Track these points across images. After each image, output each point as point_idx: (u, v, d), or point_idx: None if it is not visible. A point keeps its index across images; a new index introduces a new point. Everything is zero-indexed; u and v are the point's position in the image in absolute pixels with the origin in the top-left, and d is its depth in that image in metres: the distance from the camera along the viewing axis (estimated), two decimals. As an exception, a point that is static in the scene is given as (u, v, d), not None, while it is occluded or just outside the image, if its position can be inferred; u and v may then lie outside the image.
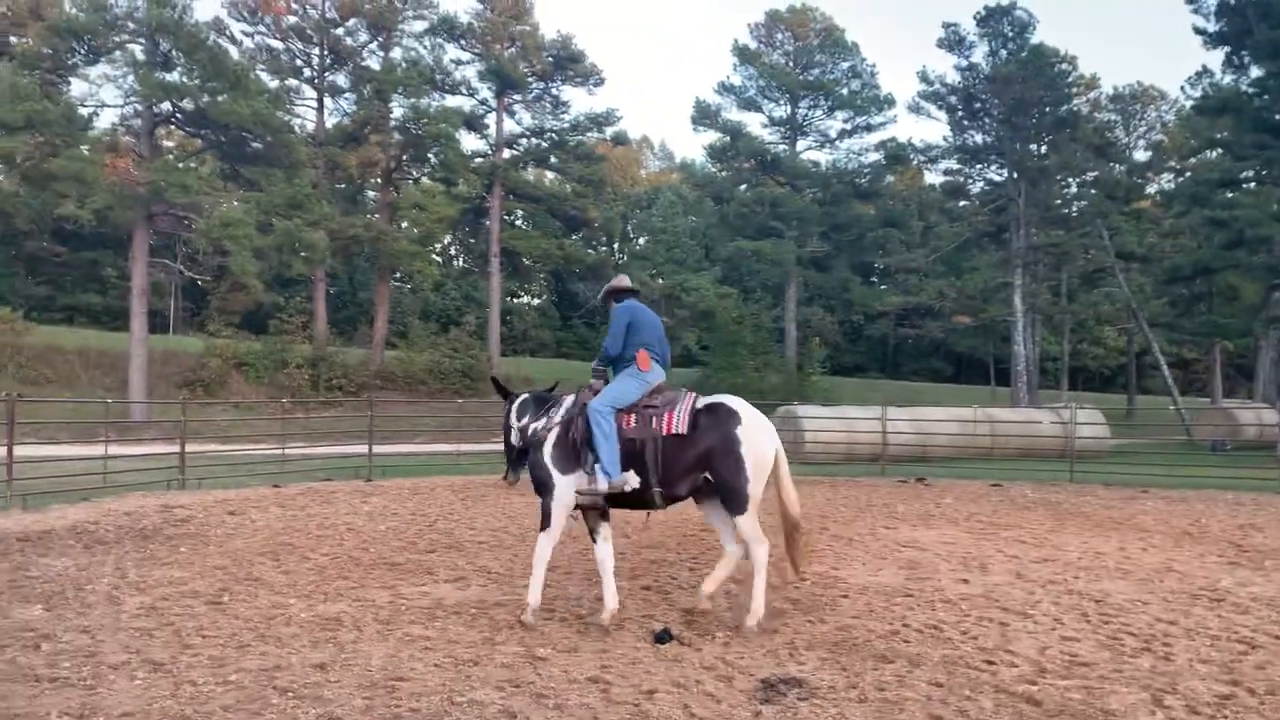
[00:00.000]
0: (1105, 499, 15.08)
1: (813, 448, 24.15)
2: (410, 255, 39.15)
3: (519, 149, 49.20)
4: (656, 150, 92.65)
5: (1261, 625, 6.51)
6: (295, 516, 11.73)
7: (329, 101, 42.31)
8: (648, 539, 10.21)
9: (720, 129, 49.54)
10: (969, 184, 51.08)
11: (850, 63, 49.64)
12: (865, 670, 5.32)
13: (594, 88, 48.19)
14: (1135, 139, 60.05)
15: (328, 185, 39.96)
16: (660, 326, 6.84)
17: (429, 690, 4.84)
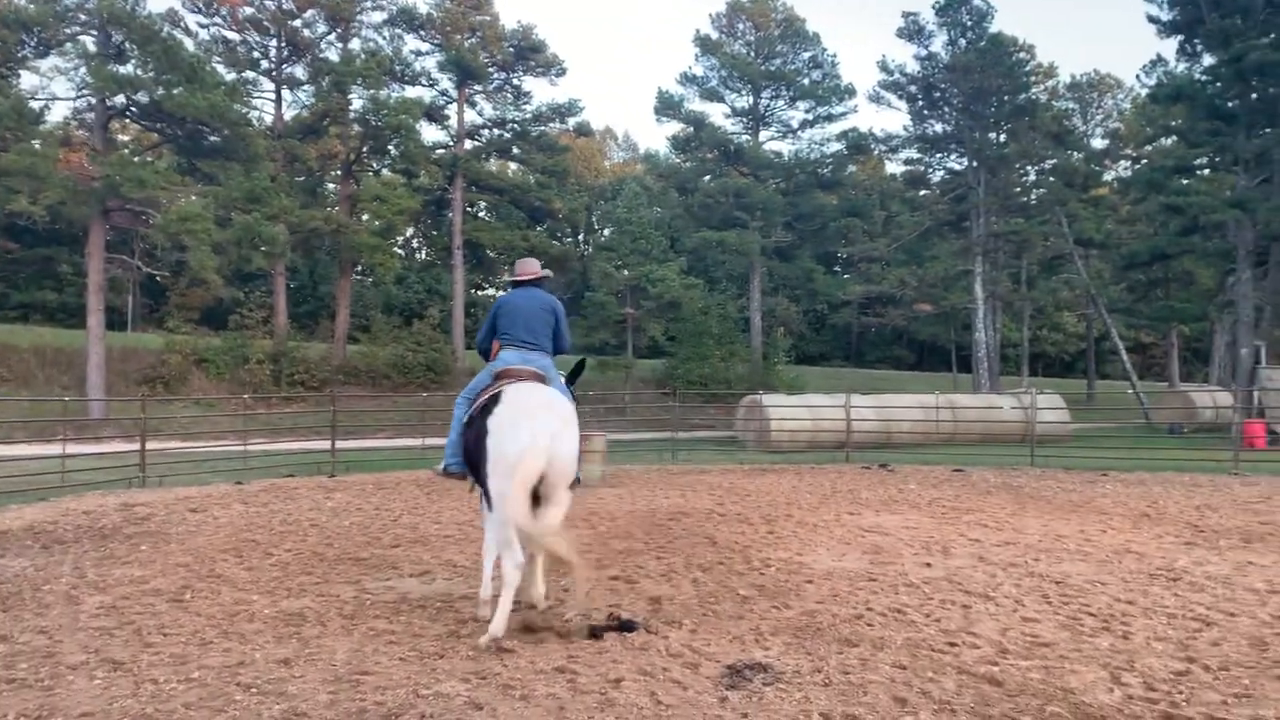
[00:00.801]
0: (1065, 482, 15.30)
1: (778, 436, 24.32)
2: (371, 248, 38.76)
3: (481, 140, 48.90)
4: (620, 141, 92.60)
5: (1216, 603, 6.63)
6: (258, 513, 11.61)
7: (287, 93, 41.76)
8: (615, 530, 10.23)
9: (683, 119, 49.52)
10: (929, 173, 51.57)
11: (811, 53, 49.78)
12: (830, 654, 5.36)
13: (556, 78, 48.00)
14: (1092, 127, 60.80)
15: (287, 178, 39.42)
16: (535, 312, 6.58)
17: (394, 684, 4.81)
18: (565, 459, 5.78)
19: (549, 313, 6.61)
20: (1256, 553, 8.67)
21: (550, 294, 6.85)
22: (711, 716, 4.35)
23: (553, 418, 5.81)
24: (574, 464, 5.90)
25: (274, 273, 40.13)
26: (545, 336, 6.58)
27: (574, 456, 5.88)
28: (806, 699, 4.58)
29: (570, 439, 5.84)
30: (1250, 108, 32.49)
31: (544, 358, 6.52)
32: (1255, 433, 23.33)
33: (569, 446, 5.81)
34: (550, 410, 5.88)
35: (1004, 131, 45.30)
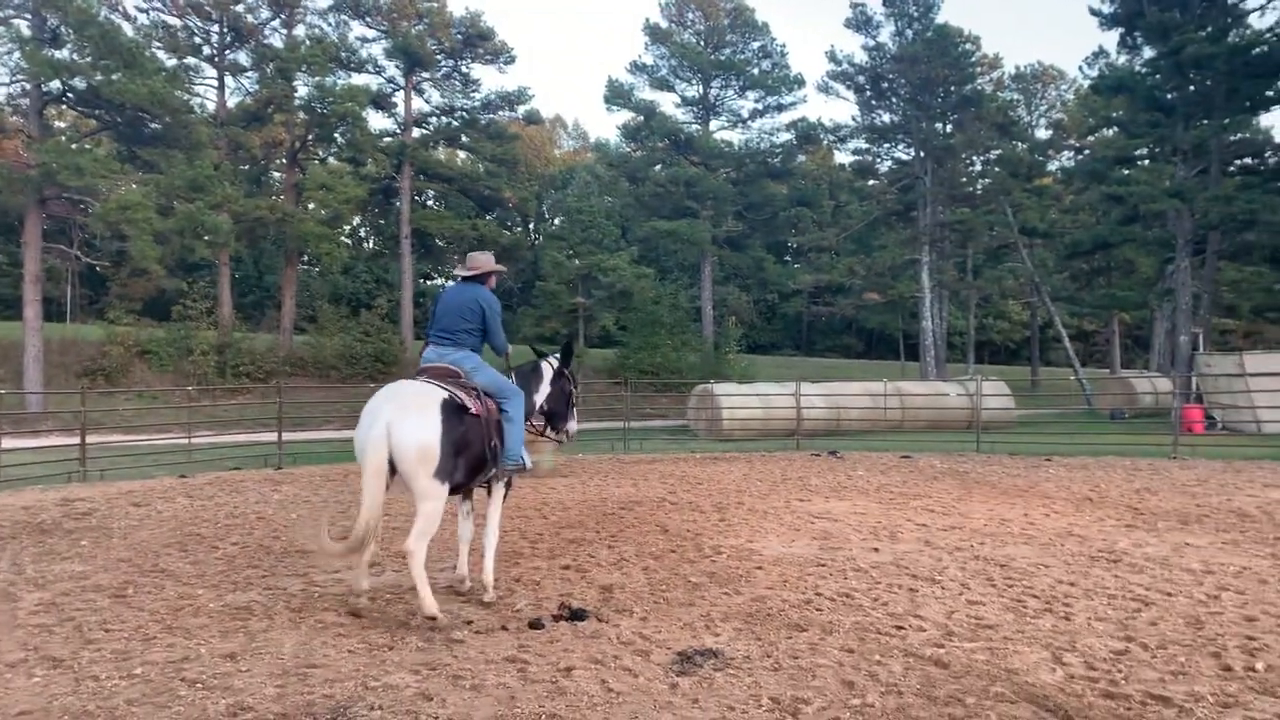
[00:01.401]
0: (1010, 468, 15.56)
1: (730, 424, 24.44)
2: (318, 237, 38.23)
3: (429, 128, 48.44)
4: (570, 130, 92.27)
5: (1154, 584, 6.79)
6: (203, 506, 11.42)
7: (230, 80, 40.98)
8: (567, 519, 10.22)
9: (633, 108, 49.46)
10: (877, 163, 52.05)
11: (760, 42, 49.95)
12: (779, 639, 5.41)
13: (505, 66, 47.63)
14: (1037, 118, 61.77)
15: (230, 166, 38.75)
16: (458, 309, 6.61)
17: (342, 676, 4.77)
18: (402, 447, 5.72)
19: (474, 310, 6.59)
20: (1193, 534, 8.89)
21: (487, 290, 6.82)
22: (662, 703, 4.37)
23: (393, 407, 5.82)
24: (417, 453, 5.75)
25: (218, 262, 39.46)
26: (465, 332, 6.57)
27: (415, 445, 5.74)
28: (756, 683, 4.62)
29: (411, 428, 5.75)
30: (1188, 99, 33.19)
31: (458, 352, 6.53)
32: (1193, 418, 23.89)
33: (407, 435, 5.73)
34: (393, 400, 5.89)
35: (950, 122, 45.88)
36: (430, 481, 5.81)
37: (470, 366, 6.51)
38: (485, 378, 6.52)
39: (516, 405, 6.60)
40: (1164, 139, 34.07)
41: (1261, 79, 31.14)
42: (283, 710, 4.28)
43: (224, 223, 33.00)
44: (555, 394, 7.38)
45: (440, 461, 5.81)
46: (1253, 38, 31.50)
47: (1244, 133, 34.52)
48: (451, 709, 4.29)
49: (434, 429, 5.80)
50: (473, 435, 6.13)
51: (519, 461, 6.56)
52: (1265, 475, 13.74)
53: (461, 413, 6.06)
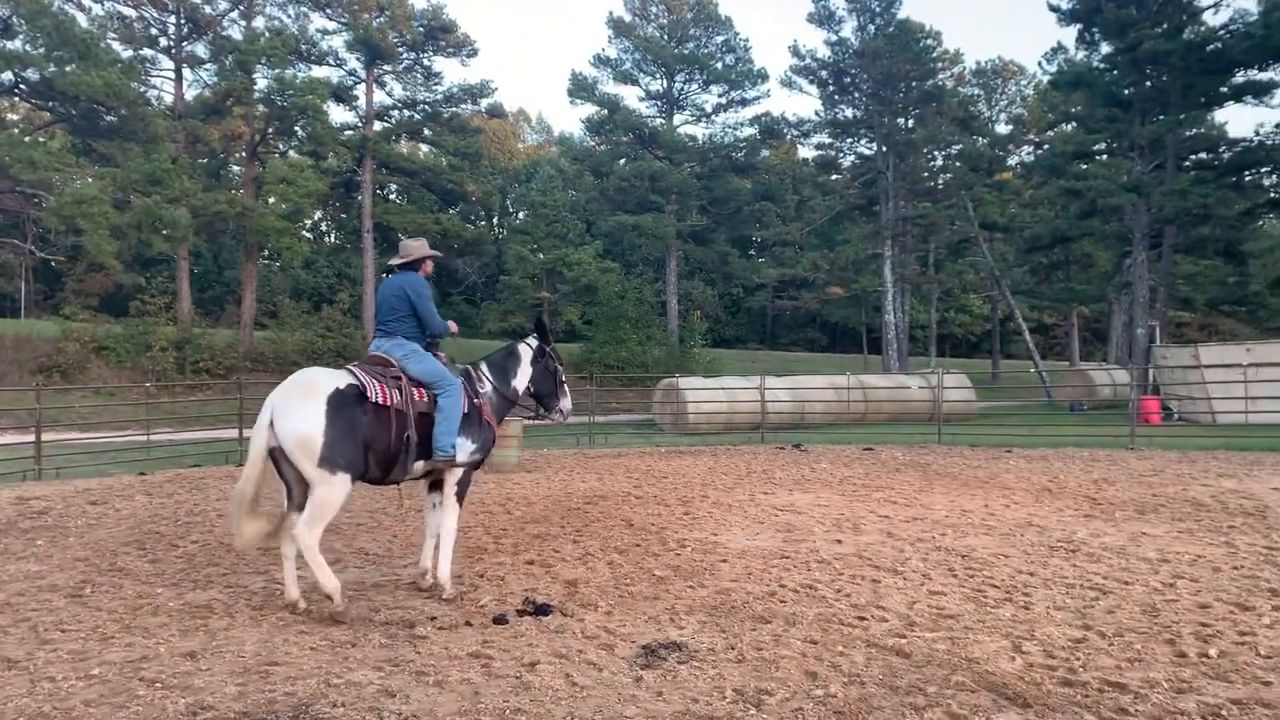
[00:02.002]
0: (971, 459, 15.73)
1: (695, 418, 24.49)
2: (278, 232, 37.78)
3: (390, 121, 48.03)
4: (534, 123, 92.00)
5: (1112, 572, 6.89)
6: (163, 504, 11.27)
7: (188, 72, 40.36)
8: (531, 514, 10.20)
9: (597, 102, 49.39)
10: (840, 158, 52.38)
11: (724, 36, 50.05)
12: (744, 631, 5.43)
13: (467, 59, 47.29)
14: (997, 113, 62.39)
15: (188, 160, 38.19)
16: (389, 299, 6.63)
17: (305, 674, 4.73)
18: (282, 436, 5.76)
19: (402, 298, 6.57)
20: (1150, 523, 9.03)
21: (418, 276, 6.75)
22: (626, 696, 4.37)
23: (280, 395, 5.90)
24: (295, 442, 5.75)
25: (176, 257, 38.91)
26: (399, 321, 6.57)
27: (293, 435, 5.74)
28: (720, 675, 4.64)
29: (293, 415, 5.77)
30: (1145, 95, 33.66)
31: (392, 340, 6.53)
32: (1150, 409, 24.28)
33: (286, 425, 5.76)
34: (282, 391, 5.96)
35: (912, 117, 46.24)
36: (316, 470, 5.77)
37: (400, 355, 6.46)
38: (418, 366, 6.45)
39: (452, 395, 6.45)
40: (1121, 134, 34.54)
41: (1216, 75, 31.66)
42: (244, 709, 4.23)
43: (182, 217, 32.56)
44: (539, 374, 7.38)
45: (324, 452, 5.75)
46: (1207, 34, 32.02)
47: (1199, 128, 35.07)
48: (415, 705, 4.27)
49: (315, 419, 5.75)
50: (377, 426, 6.05)
51: (448, 454, 6.38)
52: (1219, 465, 14.00)
53: (360, 402, 5.97)
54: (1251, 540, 8.06)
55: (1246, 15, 30.90)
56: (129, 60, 35.68)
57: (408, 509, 9.58)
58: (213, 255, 57.01)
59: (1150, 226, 33.68)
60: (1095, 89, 34.89)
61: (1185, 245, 35.38)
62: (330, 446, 5.75)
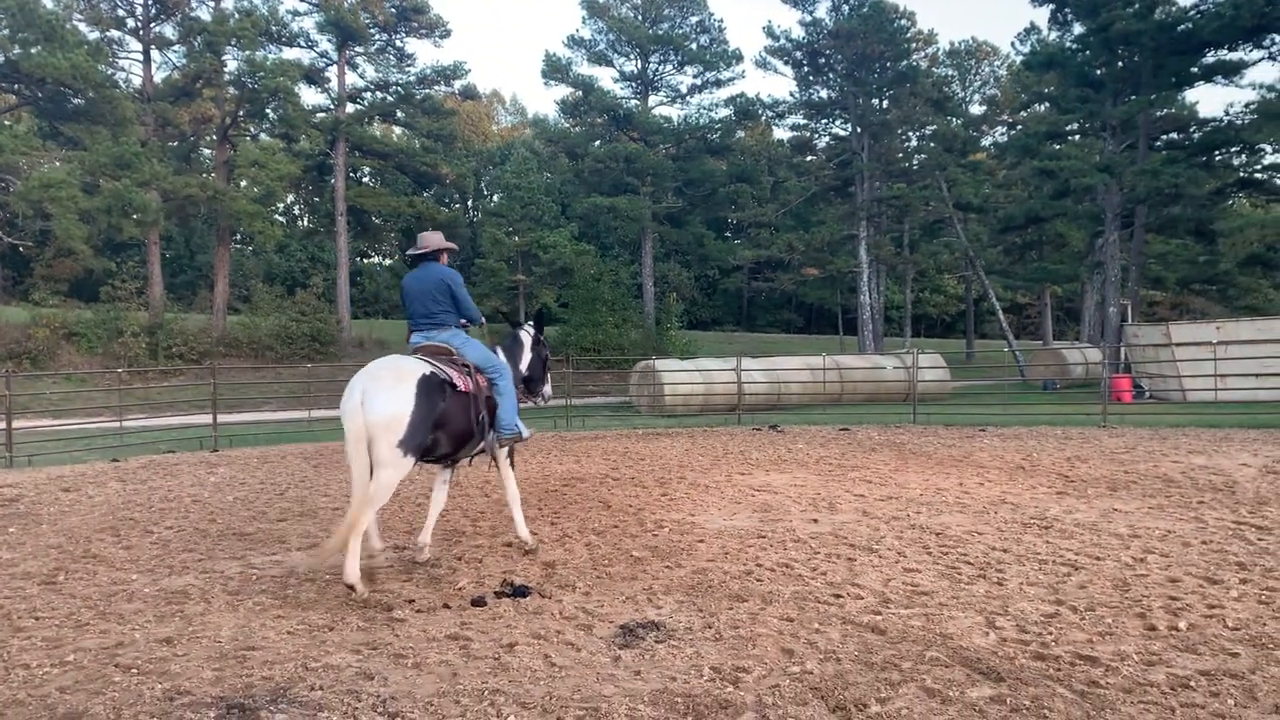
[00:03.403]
0: (946, 438, 15.85)
1: (672, 400, 24.53)
2: (250, 215, 37.43)
3: (363, 103, 47.63)
4: (508, 105, 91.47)
5: (1084, 549, 6.98)
6: (136, 490, 11.19)
7: (156, 54, 39.82)
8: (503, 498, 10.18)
9: (572, 83, 49.13)
10: (815, 139, 52.41)
11: (698, 17, 49.88)
12: (720, 610, 5.46)
13: (440, 40, 47.01)
14: (971, 94, 62.62)
15: (158, 143, 37.75)
16: (428, 291, 6.89)
17: (282, 658, 4.71)
18: (372, 416, 5.95)
19: (443, 289, 6.88)
20: (1121, 500, 9.14)
21: (446, 267, 7.07)
22: (605, 675, 4.39)
23: (367, 379, 6.12)
24: (384, 422, 5.95)
25: (147, 242, 38.50)
26: (443, 311, 6.90)
27: (383, 415, 5.96)
28: (698, 654, 4.67)
29: (383, 398, 6.00)
30: (1116, 75, 33.85)
31: (443, 331, 6.88)
32: (1122, 387, 24.55)
33: (378, 403, 5.97)
34: (370, 374, 6.18)
35: (886, 98, 46.28)
36: (392, 452, 5.99)
37: (459, 344, 6.85)
38: (475, 354, 6.87)
39: (506, 379, 6.95)
40: (1093, 114, 34.75)
41: (1186, 55, 31.87)
42: (221, 693, 4.22)
43: (152, 201, 32.20)
44: (534, 360, 7.87)
45: (408, 433, 6.00)
46: (1178, 14, 32.22)
47: (1170, 108, 35.31)
48: (393, 687, 4.27)
49: (405, 402, 6.03)
50: (455, 411, 6.45)
51: (515, 431, 6.94)
52: (1190, 442, 14.17)
53: (443, 388, 6.35)
54: (1220, 515, 8.18)
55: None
56: (96, 42, 35.19)
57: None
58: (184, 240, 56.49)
59: (1122, 206, 33.95)
60: (1068, 69, 35.06)
61: (1156, 225, 35.70)
62: (412, 429, 6.04)
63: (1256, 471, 10.77)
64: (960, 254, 47.51)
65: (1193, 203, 33.65)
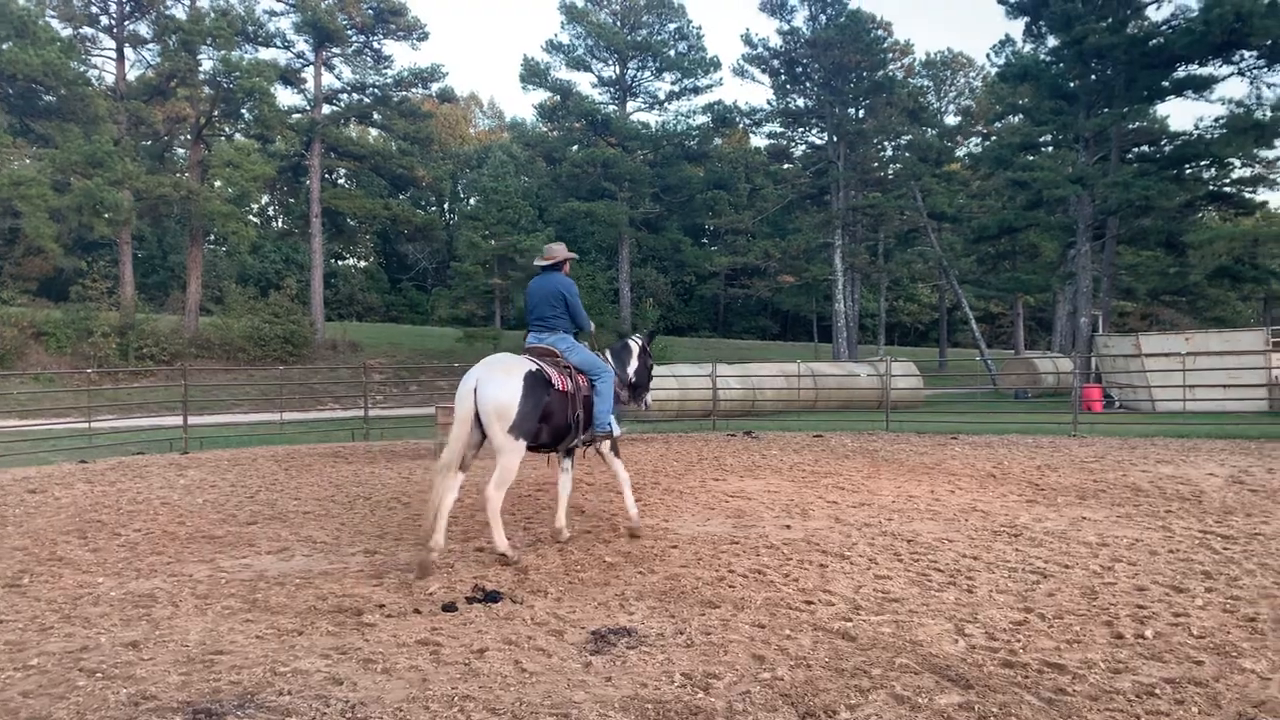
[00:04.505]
0: (918, 446, 15.93)
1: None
2: (224, 216, 37.14)
3: (339, 105, 47.37)
4: (486, 108, 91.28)
5: (1053, 557, 7.03)
6: (104, 492, 11.08)
7: (130, 52, 39.47)
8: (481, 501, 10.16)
9: (550, 88, 49.13)
10: (792, 147, 52.68)
11: (677, 24, 50.02)
12: (692, 616, 5.46)
13: (418, 42, 46.88)
14: (946, 104, 63.11)
15: (131, 142, 37.40)
16: (545, 298, 7.66)
17: (250, 662, 4.68)
18: (484, 404, 6.77)
19: (558, 297, 7.66)
20: (1090, 508, 9.22)
21: (565, 276, 7.86)
22: (575, 681, 4.39)
23: (484, 369, 6.94)
24: (495, 410, 6.76)
25: (119, 241, 38.13)
26: (558, 317, 7.67)
27: (495, 403, 6.76)
28: (669, 660, 4.67)
29: (495, 387, 6.79)
30: (1089, 88, 34.24)
31: (553, 334, 7.65)
32: (1093, 397, 24.77)
33: (491, 391, 6.78)
34: (485, 366, 6.99)
35: (862, 107, 46.60)
36: (505, 436, 6.81)
37: (564, 348, 7.60)
38: (579, 357, 7.63)
39: (606, 381, 7.69)
40: (1066, 126, 35.10)
41: (1158, 70, 32.27)
42: (187, 698, 4.18)
43: (124, 200, 31.91)
44: (640, 369, 8.68)
45: (516, 420, 6.80)
46: (1150, 29, 32.67)
47: (1142, 121, 35.77)
48: (362, 692, 4.24)
49: (514, 392, 6.81)
50: (555, 406, 7.18)
51: (606, 429, 7.66)
52: (1158, 451, 14.31)
53: (546, 385, 7.09)
54: (1187, 524, 8.27)
55: (1187, 11, 31.56)
56: (68, 39, 34.84)
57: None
58: (156, 239, 55.96)
59: (1094, 218, 34.31)
60: (1041, 81, 35.41)
61: (1128, 236, 36.11)
62: (521, 417, 6.82)
63: (1223, 481, 10.90)
64: (934, 263, 47.88)
65: (1163, 215, 34.06)
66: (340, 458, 15.23)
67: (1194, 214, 37.33)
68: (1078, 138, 35.16)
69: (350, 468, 13.65)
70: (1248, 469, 11.89)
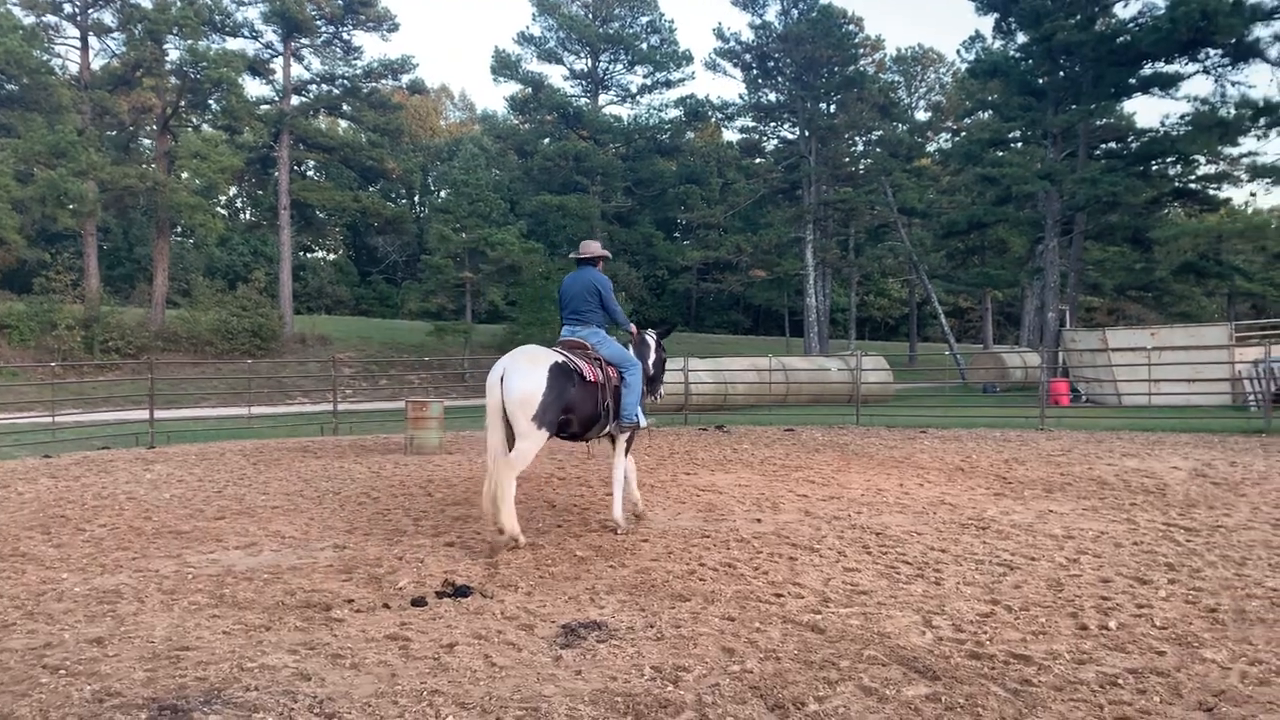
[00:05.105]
0: (888, 439, 16.04)
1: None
2: (191, 208, 36.71)
3: (308, 96, 46.91)
4: (457, 100, 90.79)
5: (1019, 549, 7.10)
6: (69, 487, 10.94)
7: (95, 41, 38.86)
8: (452, 496, 10.14)
9: (521, 80, 48.91)
10: (764, 141, 52.77)
11: (649, 17, 49.95)
12: (663, 610, 5.48)
13: (388, 33, 46.56)
14: (916, 99, 63.42)
15: (96, 132, 36.86)
16: (579, 292, 7.98)
17: (217, 658, 4.64)
18: (510, 391, 7.07)
19: (592, 291, 7.99)
20: (1056, 501, 9.32)
21: (599, 272, 8.18)
22: (545, 675, 4.38)
23: (510, 361, 7.25)
24: (518, 399, 7.04)
25: (83, 233, 37.58)
26: (592, 311, 8.01)
27: (518, 393, 7.05)
28: (639, 653, 4.67)
29: (519, 378, 7.09)
30: (1058, 85, 34.52)
31: (586, 328, 7.97)
32: (1060, 391, 25.02)
33: (514, 382, 7.08)
34: (511, 358, 7.29)
35: (834, 102, 46.74)
36: (529, 424, 7.07)
37: (595, 341, 7.91)
38: (609, 350, 7.94)
39: (634, 374, 8.00)
40: (1035, 122, 35.38)
41: (1125, 67, 32.58)
42: (153, 694, 4.14)
43: (89, 191, 31.50)
44: (657, 361, 8.86)
45: (539, 410, 7.06)
46: (1117, 26, 32.97)
47: (1109, 118, 36.08)
48: (331, 688, 4.22)
49: (538, 383, 7.08)
50: (583, 396, 7.45)
51: (633, 420, 7.94)
52: (1124, 445, 14.50)
53: (572, 376, 7.35)
54: (1151, 517, 8.38)
55: (1154, 9, 31.86)
56: (31, 27, 34.30)
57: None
58: (122, 231, 55.24)
59: (1062, 213, 34.62)
60: (1011, 78, 35.66)
61: (1095, 232, 36.46)
62: (544, 407, 7.08)
63: (1186, 475, 11.05)
64: (904, 258, 48.13)
65: (1130, 211, 34.43)
66: (309, 452, 15.12)
67: (1160, 210, 37.74)
68: (1046, 134, 35.46)
69: (319, 462, 13.56)
70: (1211, 462, 12.07)
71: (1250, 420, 18.16)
